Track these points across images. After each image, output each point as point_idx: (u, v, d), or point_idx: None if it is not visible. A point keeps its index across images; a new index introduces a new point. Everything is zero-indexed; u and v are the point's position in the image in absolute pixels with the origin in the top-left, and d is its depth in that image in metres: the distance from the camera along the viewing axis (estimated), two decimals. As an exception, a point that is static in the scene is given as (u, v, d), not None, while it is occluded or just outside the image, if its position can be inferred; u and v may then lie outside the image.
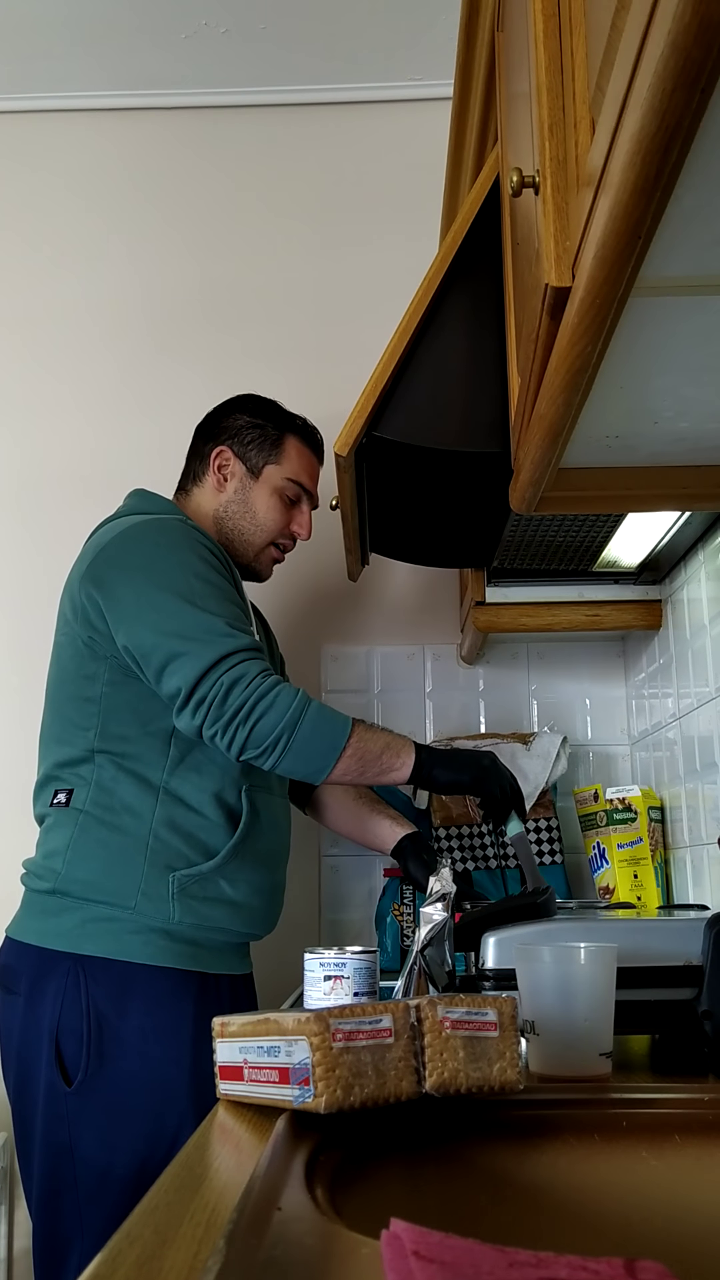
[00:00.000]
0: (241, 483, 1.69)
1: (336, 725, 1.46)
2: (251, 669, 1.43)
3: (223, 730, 1.42)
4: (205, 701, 1.42)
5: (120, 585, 1.50)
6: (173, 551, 1.52)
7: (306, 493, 1.72)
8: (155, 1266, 0.47)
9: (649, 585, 1.86)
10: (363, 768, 1.47)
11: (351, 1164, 0.68)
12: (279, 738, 1.42)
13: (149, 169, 2.38)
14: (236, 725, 1.41)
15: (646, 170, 0.68)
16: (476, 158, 1.58)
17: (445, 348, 1.36)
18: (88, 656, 1.54)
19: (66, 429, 2.28)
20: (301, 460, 1.71)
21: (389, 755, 1.49)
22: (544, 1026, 0.89)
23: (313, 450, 1.74)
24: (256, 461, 1.69)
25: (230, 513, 1.69)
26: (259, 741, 1.42)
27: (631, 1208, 0.72)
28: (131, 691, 1.51)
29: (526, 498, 1.22)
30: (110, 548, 1.54)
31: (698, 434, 1.13)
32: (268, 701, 1.41)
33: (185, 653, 1.43)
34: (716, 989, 0.98)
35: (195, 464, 1.73)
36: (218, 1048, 0.88)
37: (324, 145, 2.38)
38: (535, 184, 0.90)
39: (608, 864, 1.85)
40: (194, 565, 1.51)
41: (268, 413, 1.72)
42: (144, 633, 1.46)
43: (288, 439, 1.71)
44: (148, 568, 1.51)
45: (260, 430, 1.70)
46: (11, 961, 1.50)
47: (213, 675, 1.42)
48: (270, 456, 1.69)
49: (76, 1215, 1.41)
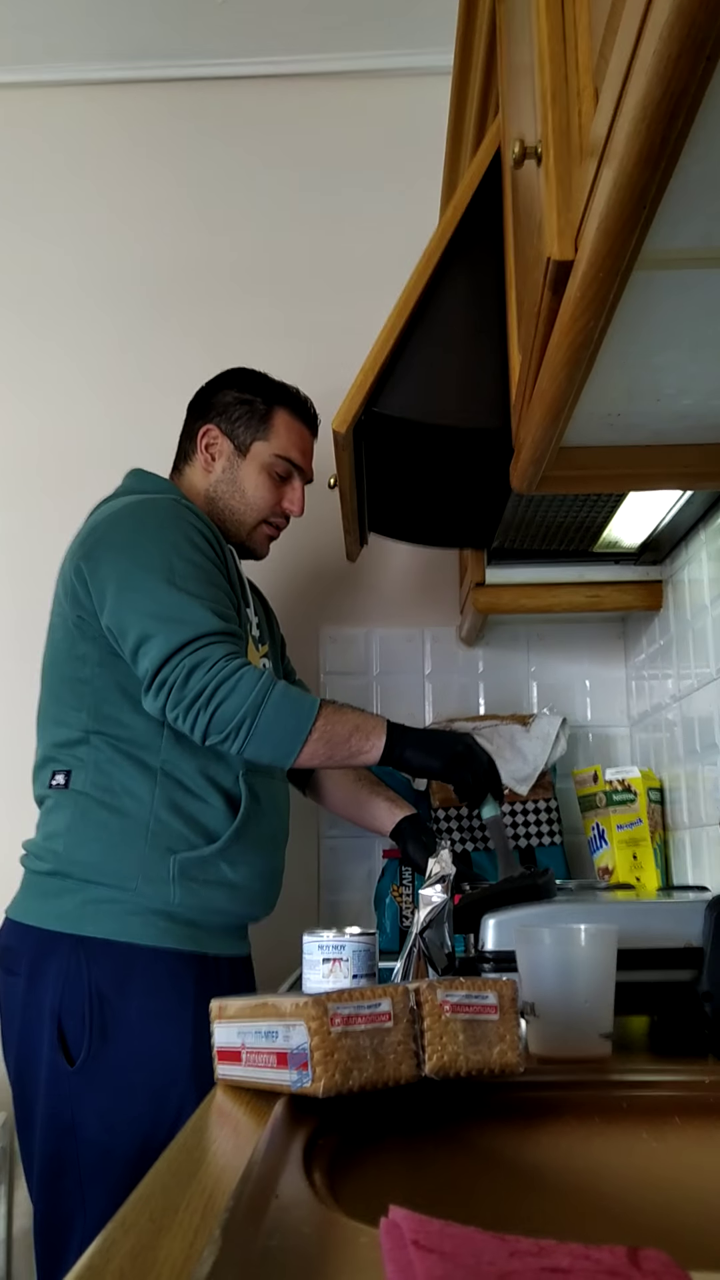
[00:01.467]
0: (229, 461, 1.67)
1: (301, 709, 1.44)
2: (215, 653, 1.41)
3: (184, 714, 1.41)
4: (167, 684, 1.40)
5: (105, 564, 1.49)
6: (159, 531, 1.51)
7: (297, 468, 1.69)
8: (150, 1257, 0.46)
9: (650, 566, 1.85)
10: (330, 751, 1.45)
11: (350, 1148, 0.67)
12: (241, 722, 1.40)
13: (146, 142, 2.35)
14: (198, 710, 1.40)
15: (651, 139, 0.66)
16: (477, 129, 1.55)
17: (445, 323, 1.34)
18: (78, 637, 1.53)
19: (63, 406, 2.26)
20: (291, 435, 1.68)
21: (358, 738, 1.46)
22: (544, 1008, 0.89)
23: (304, 422, 1.71)
24: (244, 439, 1.67)
25: (220, 492, 1.67)
26: (221, 727, 1.40)
27: (632, 1189, 0.72)
28: (121, 672, 1.50)
29: (528, 477, 1.21)
30: (100, 528, 1.54)
31: (701, 411, 1.11)
32: (229, 686, 1.40)
33: (156, 634, 1.42)
34: (717, 971, 0.98)
35: (185, 443, 1.71)
36: (216, 1031, 0.88)
37: (323, 117, 2.35)
38: (537, 154, 0.88)
39: (607, 845, 1.85)
40: (179, 545, 1.49)
41: (256, 386, 1.69)
42: (122, 612, 1.45)
43: (276, 413, 1.68)
44: (132, 547, 1.50)
45: (248, 406, 1.67)
46: (12, 942, 1.50)
47: (176, 658, 1.40)
48: (258, 433, 1.67)
49: (78, 1194, 1.41)
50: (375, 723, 1.49)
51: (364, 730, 1.47)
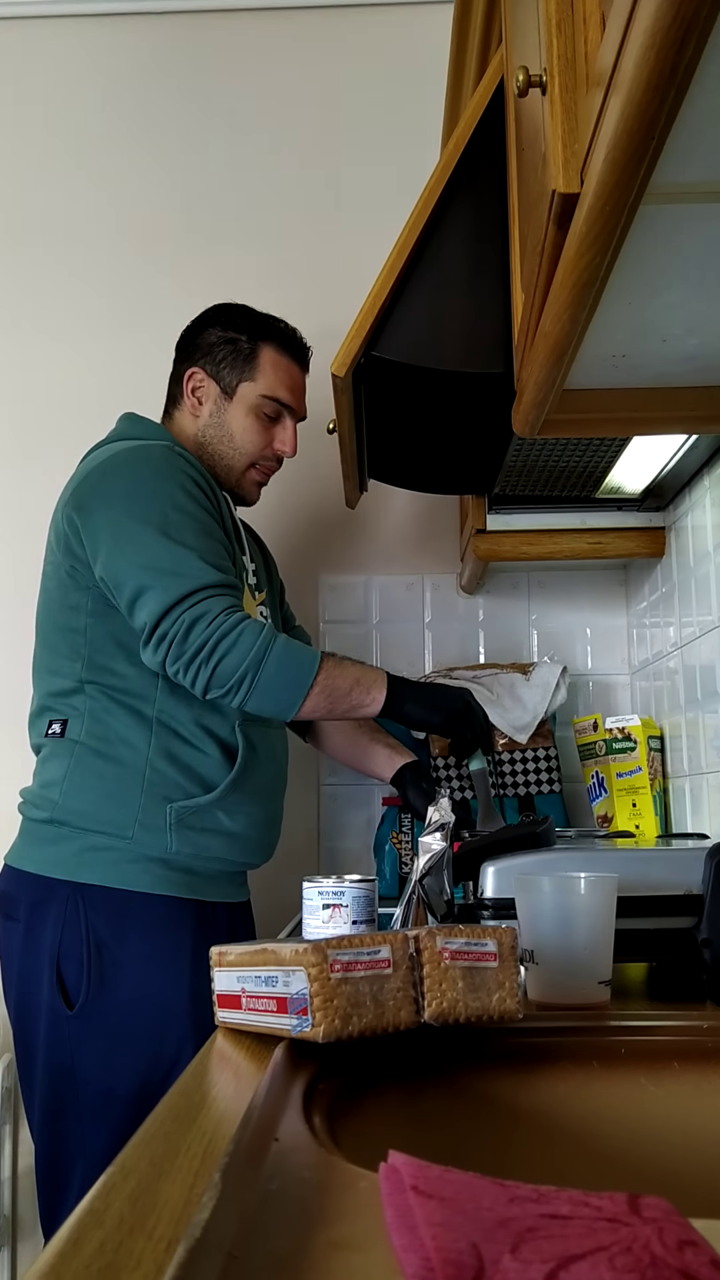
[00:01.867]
0: (216, 404, 1.63)
1: (303, 662, 1.43)
2: (215, 606, 1.40)
3: (185, 668, 1.40)
4: (167, 639, 1.40)
5: (98, 514, 1.47)
6: (153, 480, 1.49)
7: (286, 407, 1.65)
8: (150, 1201, 0.46)
9: (653, 512, 1.83)
10: (331, 704, 1.46)
11: (350, 1092, 0.68)
12: (243, 676, 1.40)
13: (135, 78, 2.29)
14: (199, 664, 1.39)
15: (660, 66, 0.64)
16: (480, 60, 1.51)
17: (446, 263, 1.31)
18: (71, 586, 1.52)
19: (55, 349, 2.22)
20: (278, 373, 1.63)
21: (359, 691, 1.46)
22: (543, 956, 0.89)
23: (292, 357, 1.66)
24: (230, 380, 1.62)
25: (209, 437, 1.63)
26: (223, 681, 1.40)
27: (631, 1134, 0.72)
28: (115, 622, 1.49)
29: (530, 420, 1.19)
30: (92, 475, 1.51)
31: (708, 353, 1.09)
32: (230, 640, 1.39)
33: (153, 586, 1.40)
34: (716, 917, 0.98)
35: (173, 386, 1.68)
36: (216, 977, 0.88)
37: (318, 50, 2.28)
38: (542, 84, 0.85)
39: (606, 793, 1.85)
40: (173, 495, 1.47)
41: (240, 323, 1.64)
42: (117, 564, 1.44)
43: (262, 351, 1.63)
44: (126, 497, 1.47)
45: (232, 345, 1.62)
46: (10, 889, 1.51)
47: (175, 612, 1.39)
48: (244, 373, 1.62)
49: (79, 1135, 1.43)
50: (376, 676, 1.49)
51: (365, 684, 1.47)
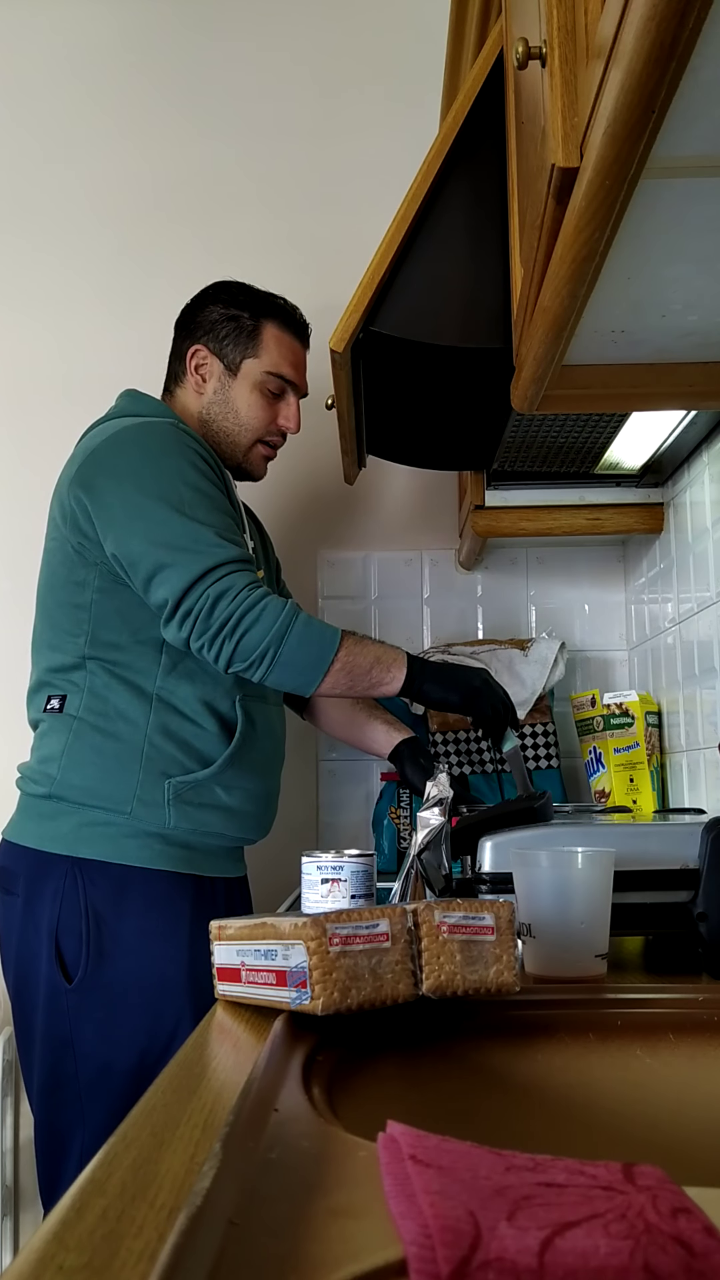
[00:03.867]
0: (220, 381, 1.63)
1: (325, 638, 1.44)
2: (239, 581, 1.41)
3: (209, 643, 1.41)
4: (191, 614, 1.40)
5: (109, 492, 1.47)
6: (163, 458, 1.49)
7: (290, 384, 1.65)
8: (151, 1170, 0.47)
9: (651, 488, 1.83)
10: (352, 681, 1.46)
11: (349, 1063, 0.68)
12: (266, 650, 1.40)
13: (129, 49, 2.26)
14: (223, 638, 1.40)
15: (661, 38, 0.64)
16: (479, 32, 1.49)
17: (445, 237, 1.30)
18: (77, 563, 1.51)
19: (56, 324, 2.21)
20: (281, 349, 1.64)
21: (379, 669, 1.47)
22: (540, 929, 0.90)
23: (294, 334, 1.66)
24: (234, 357, 1.62)
25: (214, 414, 1.63)
26: (246, 655, 1.41)
27: (626, 1105, 0.73)
28: (121, 599, 1.49)
29: (528, 396, 1.19)
30: (100, 451, 1.51)
31: (706, 328, 1.09)
32: (255, 615, 1.40)
33: (172, 563, 1.41)
34: (712, 892, 0.99)
35: (175, 364, 1.68)
36: (215, 950, 0.89)
37: (316, 22, 2.26)
38: (542, 56, 0.85)
39: (603, 768, 1.86)
40: (184, 472, 1.47)
41: (242, 300, 1.64)
42: (132, 541, 1.44)
43: (265, 328, 1.63)
44: (137, 474, 1.47)
45: (235, 322, 1.62)
46: (9, 863, 1.52)
47: (199, 587, 1.40)
48: (247, 350, 1.62)
49: (77, 1108, 1.44)
50: (395, 655, 1.50)
51: (384, 662, 1.48)
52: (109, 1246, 0.39)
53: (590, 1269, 0.33)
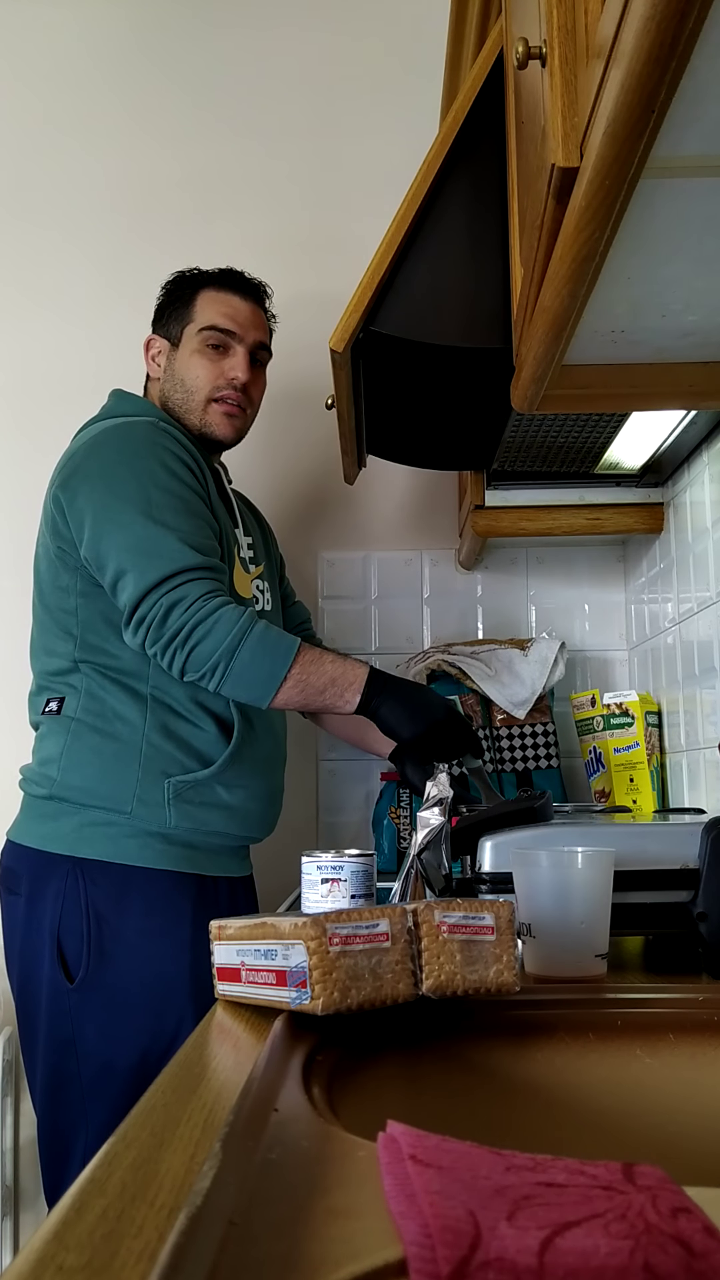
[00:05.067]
0: (168, 359, 1.64)
1: (278, 654, 1.43)
2: (193, 591, 1.40)
3: (162, 651, 1.41)
4: (145, 621, 1.41)
5: (81, 494, 1.47)
6: (135, 459, 1.48)
7: (228, 334, 1.61)
8: (151, 1170, 0.47)
9: (651, 488, 1.83)
10: (306, 698, 1.45)
11: (349, 1063, 0.68)
12: (218, 663, 1.40)
13: (130, 48, 2.26)
14: (175, 648, 1.40)
15: (661, 38, 0.63)
16: (479, 31, 1.49)
17: (445, 237, 1.30)
18: (60, 568, 1.52)
19: (51, 325, 2.20)
20: (216, 305, 1.62)
21: (332, 692, 1.45)
22: (540, 929, 0.90)
23: (232, 289, 1.63)
24: (175, 331, 1.63)
25: (167, 391, 1.63)
26: (198, 665, 1.41)
27: (626, 1104, 0.73)
28: (104, 602, 1.49)
29: (528, 396, 1.19)
30: (77, 455, 1.52)
31: (706, 328, 1.09)
32: (206, 626, 1.39)
33: (131, 569, 1.41)
34: (712, 892, 0.99)
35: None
36: (215, 950, 0.89)
37: (317, 21, 2.26)
38: (542, 55, 0.85)
39: (603, 768, 1.86)
40: (154, 474, 1.47)
41: (181, 280, 1.66)
42: (99, 545, 1.44)
43: (200, 294, 1.63)
44: (108, 476, 1.47)
45: (173, 300, 1.64)
46: (12, 864, 1.52)
47: (154, 595, 1.40)
48: (184, 319, 1.62)
49: (80, 1107, 1.44)
50: (354, 677, 1.45)
51: (340, 685, 1.45)
52: (109, 1246, 0.39)
53: (590, 1269, 0.33)
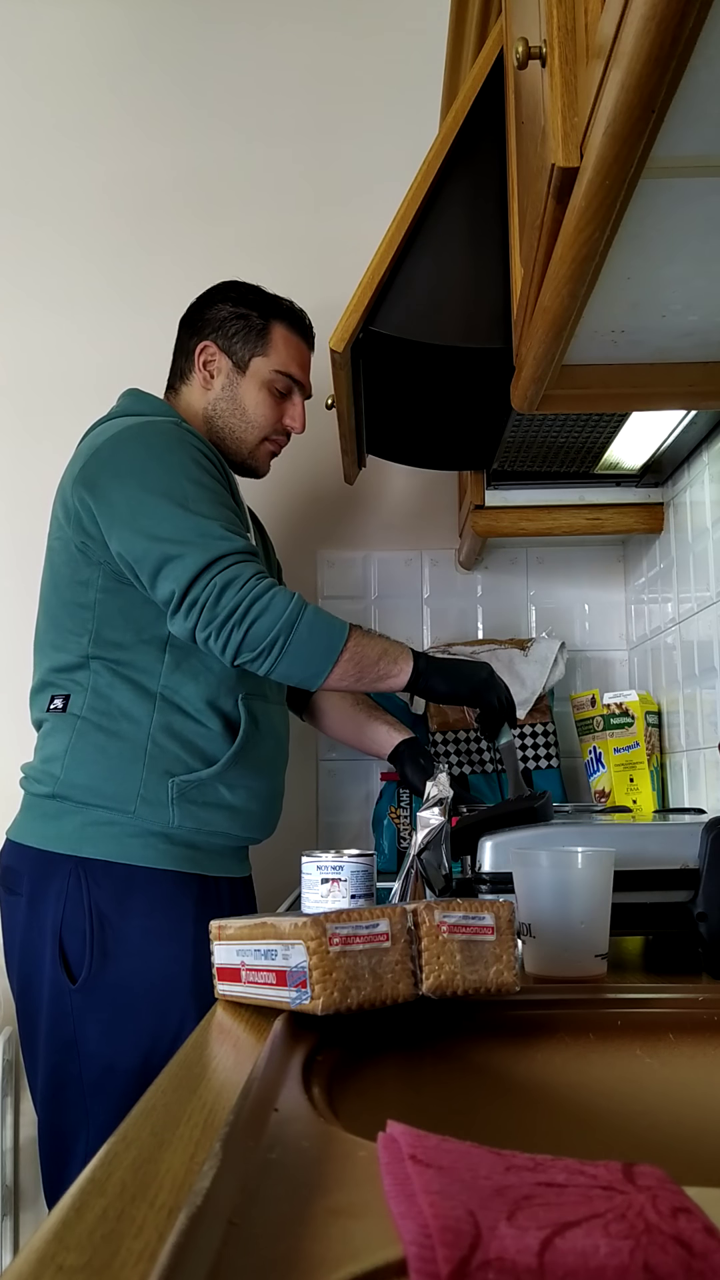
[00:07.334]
0: (229, 379, 1.64)
1: (334, 629, 1.44)
2: (245, 571, 1.41)
3: (216, 633, 1.40)
4: (198, 604, 1.40)
5: (112, 490, 1.47)
6: (166, 454, 1.49)
7: (297, 384, 1.66)
8: (151, 1170, 0.47)
9: (651, 488, 1.83)
10: (359, 673, 1.46)
11: (349, 1063, 0.68)
12: (274, 641, 1.40)
13: (130, 48, 2.26)
14: (231, 628, 1.40)
15: (661, 38, 0.64)
16: (479, 31, 1.49)
17: (445, 237, 1.30)
18: (81, 562, 1.52)
19: (55, 324, 2.21)
20: (289, 349, 1.65)
21: (386, 662, 1.48)
22: (540, 929, 0.90)
23: (301, 336, 1.68)
24: (242, 355, 1.63)
25: (219, 410, 1.64)
26: (254, 645, 1.40)
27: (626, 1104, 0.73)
28: (125, 598, 1.49)
29: (529, 396, 1.19)
30: (103, 451, 1.51)
31: (706, 328, 1.09)
32: (263, 604, 1.40)
33: (178, 556, 1.41)
34: (712, 892, 0.99)
35: (181, 361, 1.68)
36: (215, 950, 0.89)
37: (317, 21, 2.26)
38: (542, 55, 0.85)
39: (603, 768, 1.86)
40: (187, 468, 1.48)
41: (251, 300, 1.65)
42: (137, 538, 1.44)
43: (274, 327, 1.64)
44: (140, 472, 1.47)
45: (244, 320, 1.63)
46: (13, 863, 1.52)
47: (205, 577, 1.40)
48: (256, 348, 1.63)
49: (81, 1107, 1.44)
50: (402, 649, 1.50)
51: (392, 655, 1.48)
52: (109, 1246, 0.39)
53: (590, 1269, 0.33)
